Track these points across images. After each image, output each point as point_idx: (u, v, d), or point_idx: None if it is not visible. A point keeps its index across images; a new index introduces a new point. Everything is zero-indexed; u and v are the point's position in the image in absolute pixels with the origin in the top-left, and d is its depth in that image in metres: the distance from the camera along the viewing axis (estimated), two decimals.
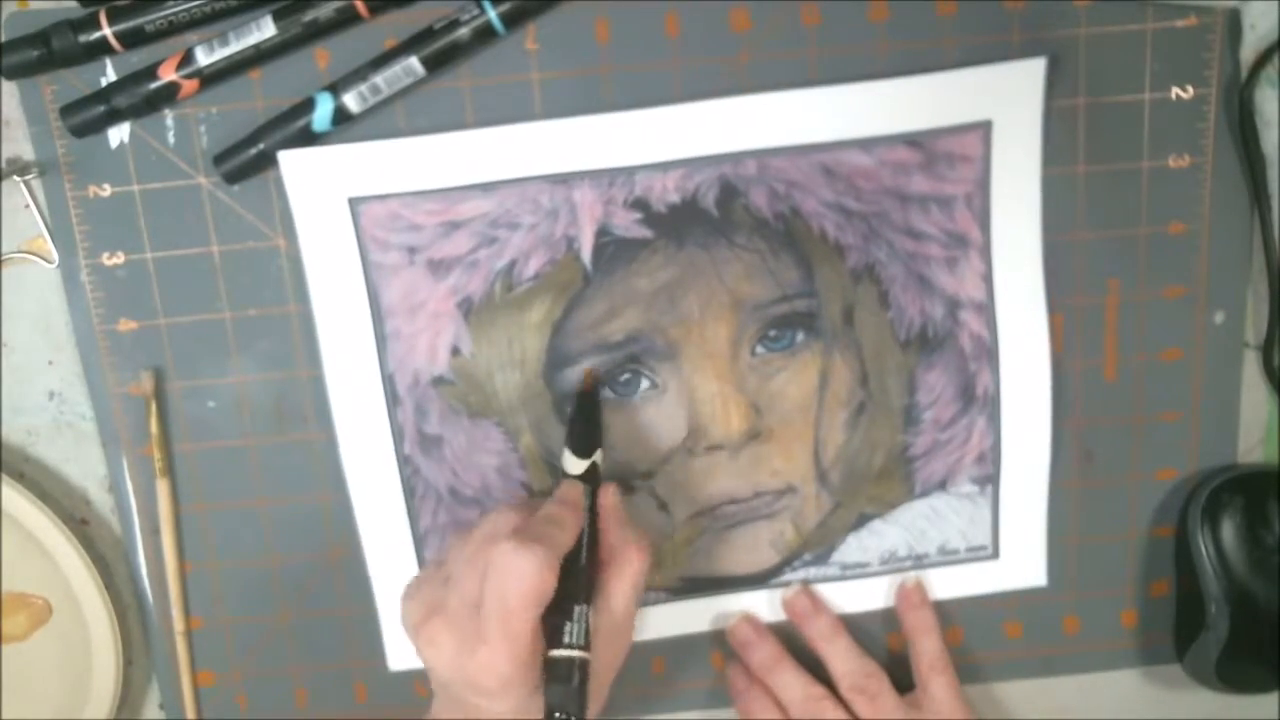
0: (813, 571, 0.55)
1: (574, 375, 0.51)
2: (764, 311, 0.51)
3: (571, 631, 0.44)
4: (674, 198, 0.49)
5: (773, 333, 0.51)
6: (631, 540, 0.48)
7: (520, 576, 0.42)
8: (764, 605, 0.55)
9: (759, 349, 0.51)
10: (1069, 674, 0.57)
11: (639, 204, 0.49)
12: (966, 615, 0.56)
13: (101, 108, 0.47)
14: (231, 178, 0.49)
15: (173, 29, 0.47)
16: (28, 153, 0.49)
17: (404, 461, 0.52)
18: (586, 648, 0.45)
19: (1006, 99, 0.49)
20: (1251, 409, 0.54)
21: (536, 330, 0.50)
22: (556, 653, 0.44)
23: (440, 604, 0.44)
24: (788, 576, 0.55)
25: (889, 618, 0.56)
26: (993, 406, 0.53)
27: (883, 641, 0.56)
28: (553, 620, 0.44)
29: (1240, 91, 0.50)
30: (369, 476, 0.52)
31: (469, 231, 0.49)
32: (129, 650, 0.54)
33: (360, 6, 0.47)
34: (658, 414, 0.52)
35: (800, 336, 0.51)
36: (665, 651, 0.56)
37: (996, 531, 0.55)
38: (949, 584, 0.55)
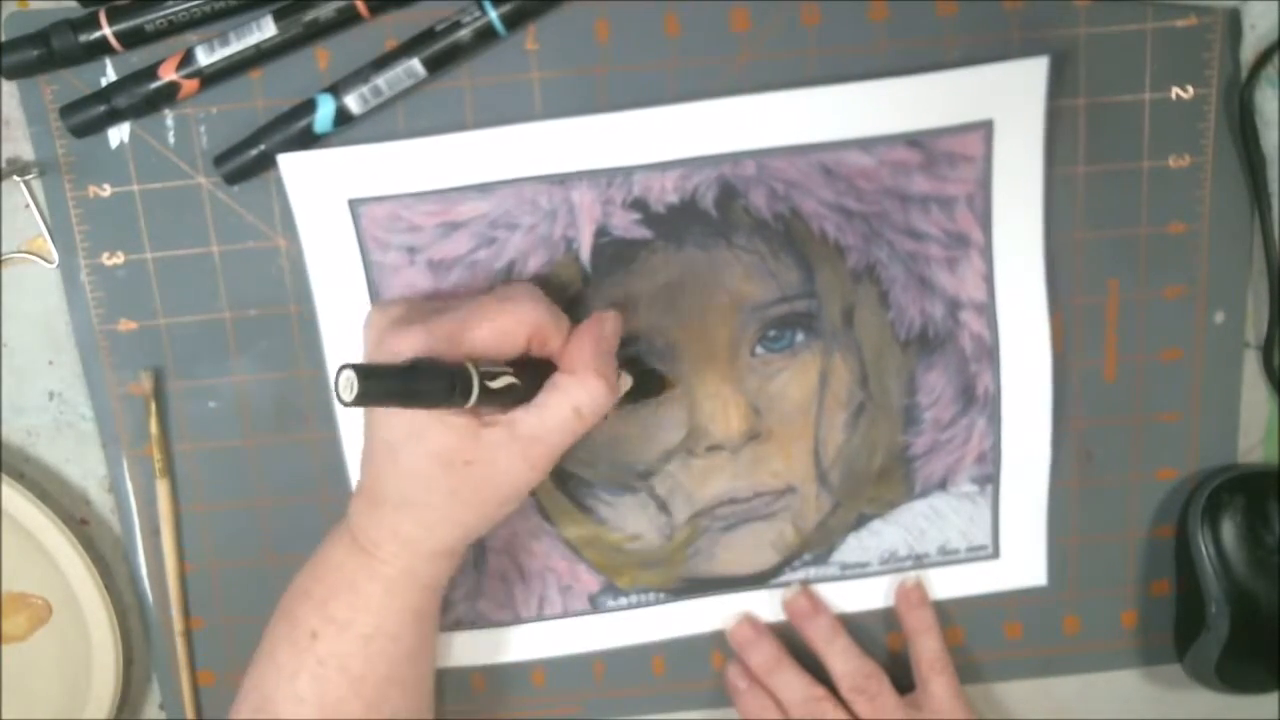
0: (813, 571, 0.55)
1: None
2: (764, 312, 0.51)
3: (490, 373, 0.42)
4: (673, 198, 0.49)
5: (772, 333, 0.51)
6: (595, 369, 0.44)
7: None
8: (764, 605, 0.55)
9: (759, 350, 0.51)
10: (1069, 674, 0.57)
11: (638, 204, 0.49)
12: (966, 615, 0.56)
13: (101, 108, 0.47)
14: (232, 178, 0.49)
15: (173, 29, 0.47)
16: (28, 153, 0.49)
17: None
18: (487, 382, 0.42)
19: (1008, 98, 0.49)
20: (1251, 409, 0.54)
21: None
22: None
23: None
24: (788, 577, 0.55)
25: (889, 618, 0.56)
26: (993, 406, 0.53)
27: (883, 641, 0.56)
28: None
29: (1240, 91, 0.50)
30: None
31: (468, 232, 0.49)
32: (129, 650, 0.54)
33: (361, 7, 0.47)
34: (657, 414, 0.52)
35: (800, 337, 0.51)
36: (665, 652, 0.56)
37: (996, 531, 0.55)
38: (949, 584, 0.55)
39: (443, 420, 0.42)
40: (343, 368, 0.38)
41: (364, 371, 0.38)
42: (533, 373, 0.44)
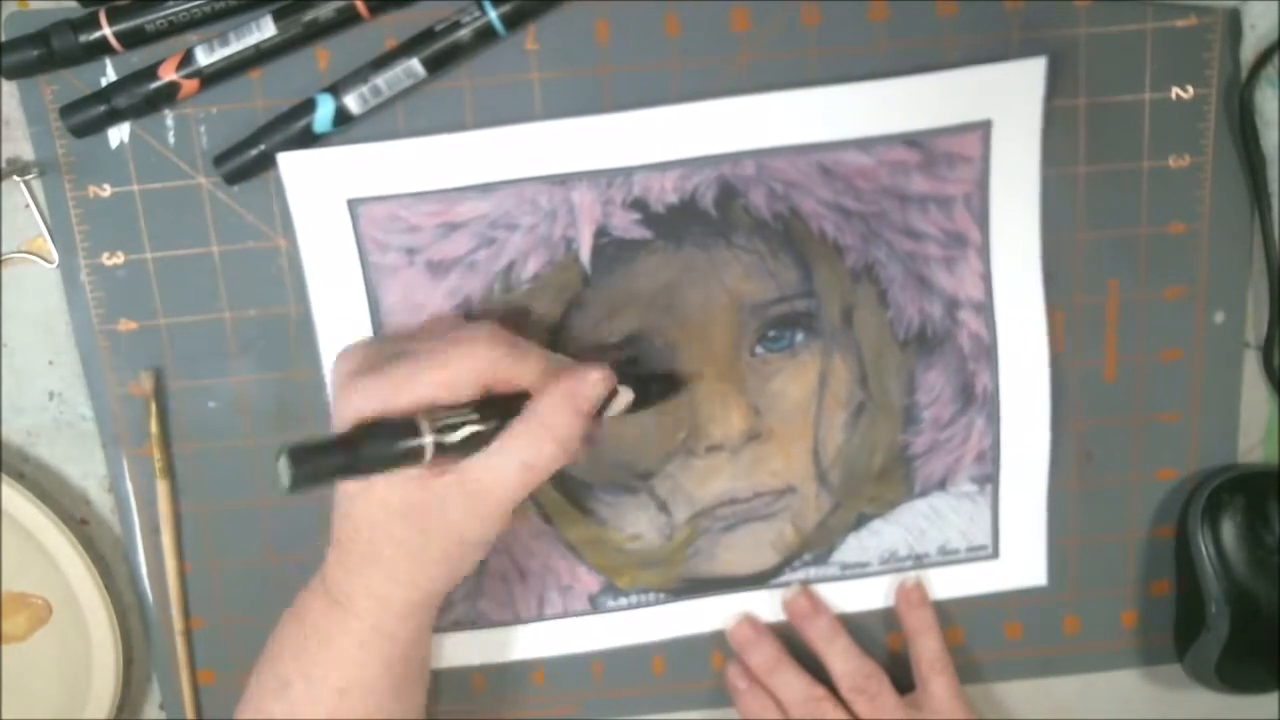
0: (813, 571, 0.55)
1: None
2: (763, 312, 0.51)
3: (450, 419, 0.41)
4: (672, 198, 0.49)
5: (772, 333, 0.51)
6: (548, 426, 0.42)
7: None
8: (764, 605, 0.55)
9: (758, 349, 0.51)
10: (1069, 674, 0.57)
11: (637, 204, 0.49)
12: (966, 615, 0.56)
13: (101, 108, 0.47)
14: (232, 178, 0.49)
15: (173, 29, 0.47)
16: (28, 153, 0.49)
17: None
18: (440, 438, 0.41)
19: (1006, 98, 0.49)
20: (1251, 409, 0.54)
21: (535, 331, 0.50)
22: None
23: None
24: (788, 577, 0.55)
25: (889, 618, 0.56)
26: (992, 406, 0.53)
27: (883, 641, 0.56)
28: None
29: (1240, 91, 0.50)
30: None
31: (468, 233, 0.49)
32: (129, 650, 0.54)
33: (360, 7, 0.47)
34: (657, 414, 0.52)
35: (799, 337, 0.52)
36: (665, 652, 0.56)
37: (996, 531, 0.55)
38: (949, 584, 0.55)
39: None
40: (279, 451, 0.36)
41: (297, 454, 0.37)
42: (504, 410, 0.42)
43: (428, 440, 0.40)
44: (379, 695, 0.46)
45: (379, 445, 0.39)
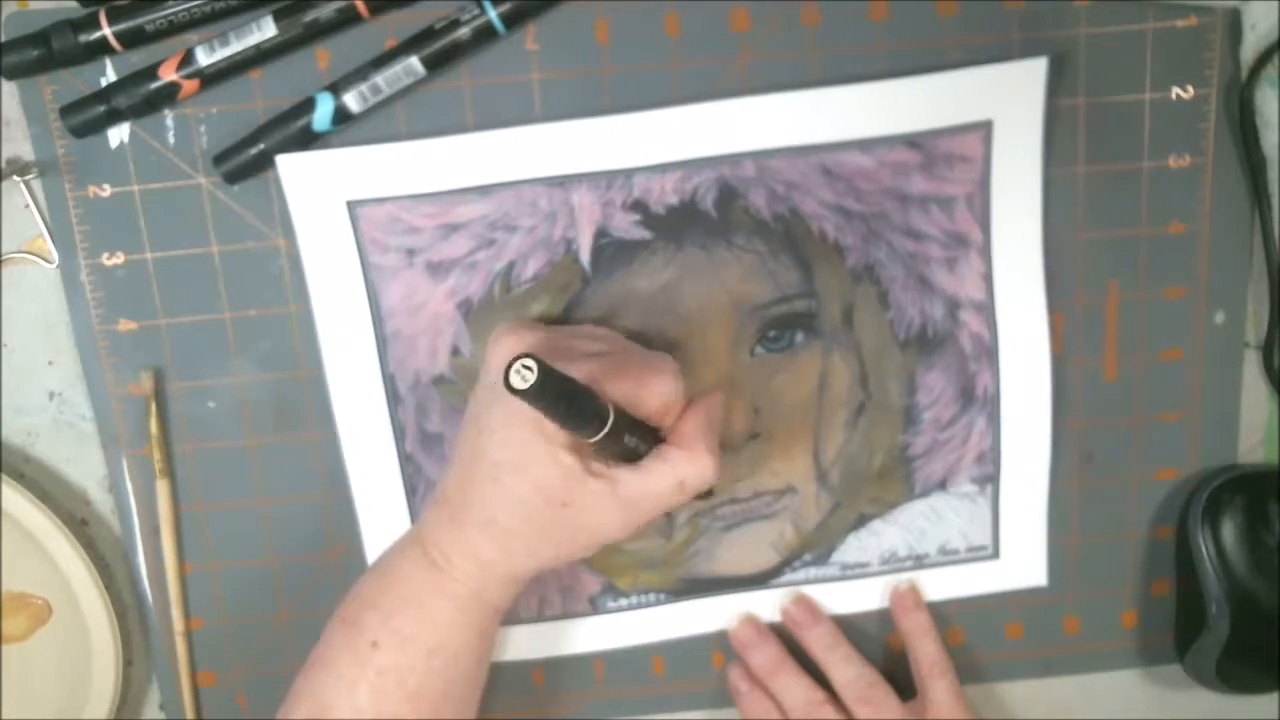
0: (813, 572, 0.55)
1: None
2: (763, 312, 0.51)
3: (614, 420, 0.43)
4: (672, 199, 0.49)
5: (772, 333, 0.51)
6: (708, 446, 0.46)
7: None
8: (764, 606, 0.55)
9: (758, 350, 0.51)
10: (1069, 674, 0.57)
11: (637, 206, 0.49)
12: (967, 615, 0.56)
13: (101, 108, 0.47)
14: (232, 178, 0.49)
15: (173, 29, 0.47)
16: (28, 153, 0.49)
17: (405, 459, 0.52)
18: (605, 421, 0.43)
19: (1007, 99, 0.49)
20: (1251, 409, 0.54)
21: None
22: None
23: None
24: (788, 577, 0.55)
25: (889, 618, 0.55)
26: (993, 406, 0.53)
27: (882, 643, 0.56)
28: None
29: (1240, 91, 0.50)
30: (371, 474, 0.52)
31: (467, 234, 0.49)
32: (129, 650, 0.54)
33: (361, 6, 0.47)
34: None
35: (800, 337, 0.51)
36: (666, 652, 0.56)
37: (997, 531, 0.55)
38: (949, 584, 0.55)
39: (554, 455, 0.43)
40: (523, 356, 0.38)
41: (544, 367, 0.38)
42: (644, 436, 0.45)
43: (608, 425, 0.42)
44: (462, 664, 0.47)
45: (583, 404, 0.41)
